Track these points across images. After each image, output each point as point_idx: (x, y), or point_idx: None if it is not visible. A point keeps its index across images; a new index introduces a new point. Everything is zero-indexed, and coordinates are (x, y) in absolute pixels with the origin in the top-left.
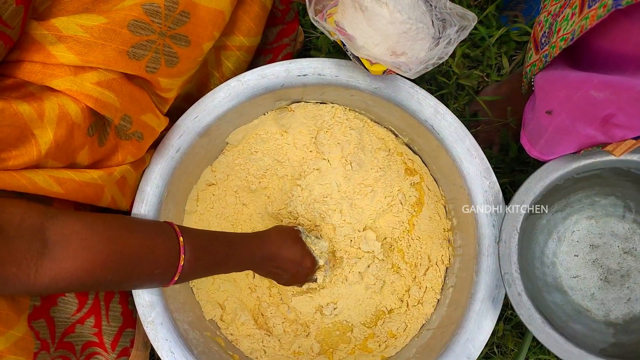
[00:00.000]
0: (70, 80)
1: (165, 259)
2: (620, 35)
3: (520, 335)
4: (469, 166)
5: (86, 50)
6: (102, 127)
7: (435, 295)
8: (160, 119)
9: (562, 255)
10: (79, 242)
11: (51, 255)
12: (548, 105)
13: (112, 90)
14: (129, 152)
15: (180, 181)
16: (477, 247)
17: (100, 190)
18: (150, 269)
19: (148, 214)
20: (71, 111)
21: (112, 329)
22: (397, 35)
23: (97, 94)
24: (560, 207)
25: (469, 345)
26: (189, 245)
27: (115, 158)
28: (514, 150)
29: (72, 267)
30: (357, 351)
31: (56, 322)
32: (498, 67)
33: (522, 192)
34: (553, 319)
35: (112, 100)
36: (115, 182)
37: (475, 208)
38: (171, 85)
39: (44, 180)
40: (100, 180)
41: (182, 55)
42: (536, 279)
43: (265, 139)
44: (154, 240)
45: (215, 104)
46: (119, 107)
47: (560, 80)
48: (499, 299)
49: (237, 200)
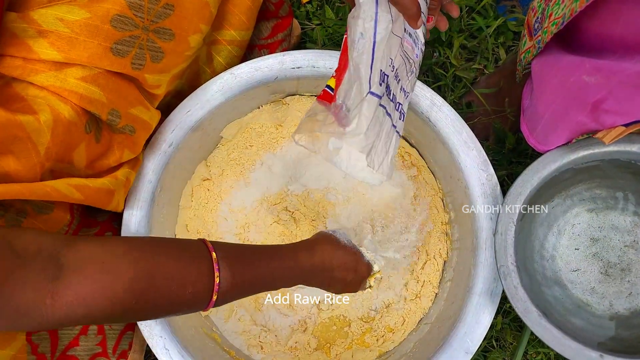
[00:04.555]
0: (54, 76)
1: (198, 278)
2: (610, 16)
3: (519, 329)
4: (466, 158)
5: (68, 47)
6: (96, 124)
7: (434, 289)
8: (152, 112)
9: (562, 248)
10: (95, 266)
11: (66, 280)
12: (545, 92)
13: (98, 85)
14: (125, 146)
15: (174, 177)
16: (474, 240)
17: (111, 194)
18: (182, 290)
19: (141, 211)
20: (64, 112)
21: (114, 332)
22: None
23: (81, 89)
24: (561, 200)
25: (467, 339)
26: (224, 261)
27: (113, 154)
28: (511, 141)
29: (88, 292)
30: (354, 346)
31: (60, 334)
32: (495, 58)
33: (519, 184)
34: (552, 313)
35: (98, 95)
36: (123, 185)
37: (473, 201)
38: (158, 82)
39: (65, 188)
40: (111, 185)
41: (167, 49)
42: (535, 273)
43: (260, 133)
44: (183, 258)
45: (208, 98)
46: (106, 102)
47: (554, 65)
48: (497, 292)
49: (233, 195)
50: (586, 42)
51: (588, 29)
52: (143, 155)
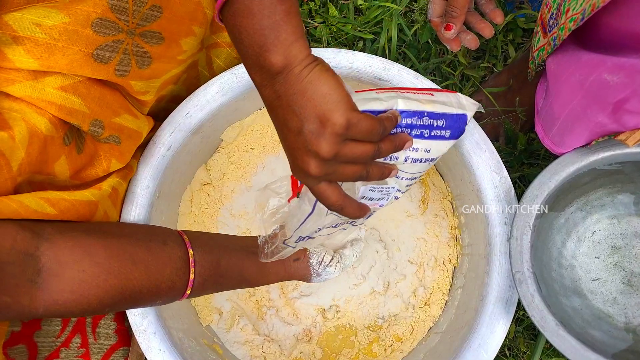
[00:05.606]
0: (30, 85)
1: (174, 277)
2: (631, 11)
3: (532, 337)
4: (478, 160)
5: (46, 54)
6: (78, 133)
7: (443, 296)
8: (141, 119)
9: (581, 257)
10: (76, 274)
11: (45, 286)
12: (561, 91)
13: (78, 95)
14: (113, 156)
15: (173, 181)
16: (487, 246)
17: (94, 207)
18: (154, 299)
19: (139, 217)
20: (41, 125)
21: (100, 347)
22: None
23: (61, 100)
24: (580, 206)
25: (481, 351)
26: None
27: (100, 164)
28: (522, 142)
29: (66, 300)
30: (361, 356)
31: (39, 347)
32: (505, 56)
33: (536, 187)
34: (570, 325)
35: (79, 105)
36: (108, 196)
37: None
38: (146, 88)
39: (35, 203)
40: (92, 197)
41: (156, 54)
42: (553, 282)
43: (261, 135)
44: (161, 269)
45: (208, 99)
46: (88, 112)
47: (572, 63)
48: (512, 301)
49: (234, 200)
50: (605, 39)
51: (608, 24)
52: (139, 159)
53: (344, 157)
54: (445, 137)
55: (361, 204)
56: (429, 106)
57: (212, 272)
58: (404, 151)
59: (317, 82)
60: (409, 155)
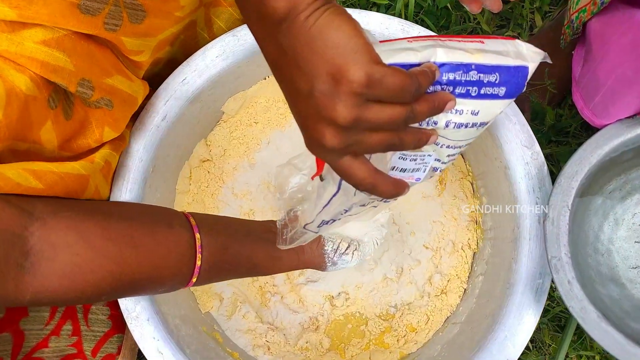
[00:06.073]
0: (8, 39)
1: (179, 264)
2: None
3: (558, 329)
4: (507, 133)
5: (25, 2)
6: (65, 96)
7: (462, 284)
8: (136, 83)
9: (619, 241)
10: (69, 257)
11: (33, 270)
12: (608, 55)
13: (63, 50)
14: (106, 123)
15: (168, 155)
16: (515, 229)
17: (85, 181)
18: (156, 287)
19: (130, 195)
20: (20, 84)
21: (94, 334)
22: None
23: (43, 55)
24: (619, 185)
25: (508, 344)
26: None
27: (91, 133)
28: (551, 116)
29: (57, 287)
30: (372, 347)
31: (27, 335)
32: (530, 25)
33: (575, 162)
34: (608, 315)
35: (64, 62)
36: (100, 169)
37: (514, 183)
38: (140, 47)
39: (18, 175)
40: (83, 170)
41: (151, 8)
42: (588, 269)
43: (266, 108)
44: (165, 255)
45: (207, 64)
46: (74, 71)
47: (622, 23)
48: (543, 289)
49: (236, 178)
50: None
51: None
52: (131, 131)
53: (368, 123)
54: (499, 95)
55: (397, 180)
56: (478, 57)
57: (220, 259)
58: (444, 114)
59: (328, 29)
60: (451, 119)
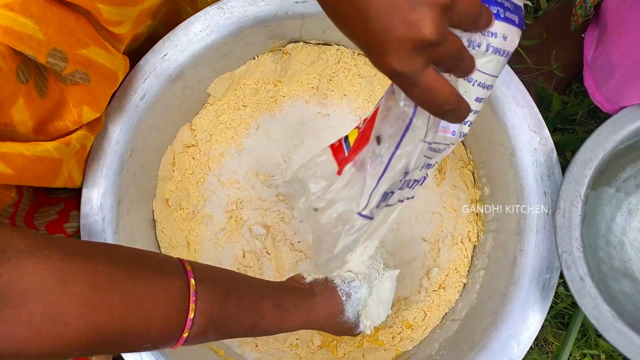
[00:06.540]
0: None
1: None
2: None
3: (561, 326)
4: (514, 117)
5: None
6: (37, 71)
7: (461, 278)
8: (116, 56)
9: (632, 232)
10: (41, 307)
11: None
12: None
13: (30, 16)
14: (84, 101)
15: (149, 138)
16: (521, 220)
17: (58, 165)
18: (141, 342)
19: (105, 179)
20: None
21: None
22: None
23: (6, 20)
24: (634, 172)
25: (512, 343)
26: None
27: (69, 113)
28: (557, 102)
29: (26, 338)
30: (365, 344)
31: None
32: (535, 7)
33: (589, 149)
34: (622, 313)
35: (32, 29)
36: (75, 153)
37: (521, 170)
38: (119, 17)
39: None
40: (56, 153)
41: None
42: (600, 263)
43: (255, 90)
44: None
45: (190, 39)
46: (44, 39)
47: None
48: (551, 285)
49: (223, 165)
50: None
51: None
52: (107, 110)
53: (458, 15)
54: (516, 22)
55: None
56: None
57: (218, 312)
58: (485, 37)
59: None
60: (489, 42)
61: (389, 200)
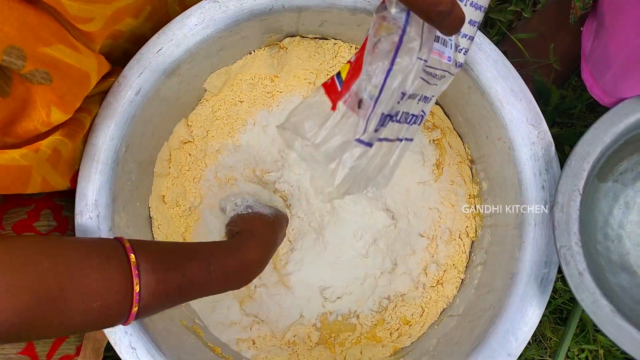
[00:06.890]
0: None
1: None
2: None
3: (559, 322)
4: (512, 111)
5: None
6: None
7: (459, 274)
8: (86, 55)
9: (630, 226)
10: None
11: None
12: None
13: None
14: (52, 102)
15: (144, 134)
16: (519, 215)
17: (27, 173)
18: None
19: (101, 175)
20: None
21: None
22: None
23: None
24: (631, 165)
25: (510, 338)
26: (145, 264)
27: (36, 114)
28: (555, 96)
29: None
30: (363, 340)
31: None
32: (534, 0)
33: (588, 141)
34: (620, 307)
35: None
36: (46, 159)
37: (519, 165)
38: (88, 13)
39: None
40: (24, 161)
41: None
42: (598, 256)
43: (252, 85)
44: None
45: (185, 33)
46: (0, 36)
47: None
48: (549, 279)
49: (220, 161)
50: None
51: None
52: (101, 105)
53: None
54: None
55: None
56: None
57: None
58: None
59: None
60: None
61: (387, 125)
